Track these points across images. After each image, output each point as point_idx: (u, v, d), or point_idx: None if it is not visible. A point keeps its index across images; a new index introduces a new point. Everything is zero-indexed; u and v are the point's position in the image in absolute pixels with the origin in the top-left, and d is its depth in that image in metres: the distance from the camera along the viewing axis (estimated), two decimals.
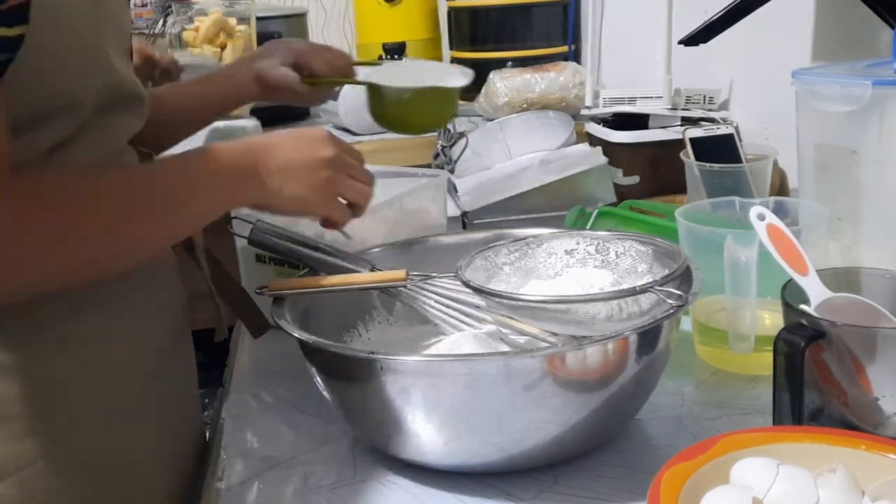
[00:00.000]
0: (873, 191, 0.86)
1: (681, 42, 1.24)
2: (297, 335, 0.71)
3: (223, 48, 1.85)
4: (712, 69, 1.57)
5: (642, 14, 1.76)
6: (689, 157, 1.22)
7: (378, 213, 1.02)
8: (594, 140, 1.53)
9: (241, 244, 1.00)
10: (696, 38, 1.20)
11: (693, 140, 1.24)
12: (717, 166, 1.17)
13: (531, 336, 0.78)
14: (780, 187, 1.29)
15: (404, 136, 1.89)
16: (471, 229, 1.25)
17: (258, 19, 1.91)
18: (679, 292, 0.70)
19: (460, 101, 2.00)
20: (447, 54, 2.30)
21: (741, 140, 1.28)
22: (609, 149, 1.43)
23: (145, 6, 2.06)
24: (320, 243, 0.85)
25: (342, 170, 0.78)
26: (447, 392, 0.66)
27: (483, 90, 1.88)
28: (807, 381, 0.64)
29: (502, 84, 1.84)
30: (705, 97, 1.54)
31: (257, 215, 0.83)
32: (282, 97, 1.01)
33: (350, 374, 0.70)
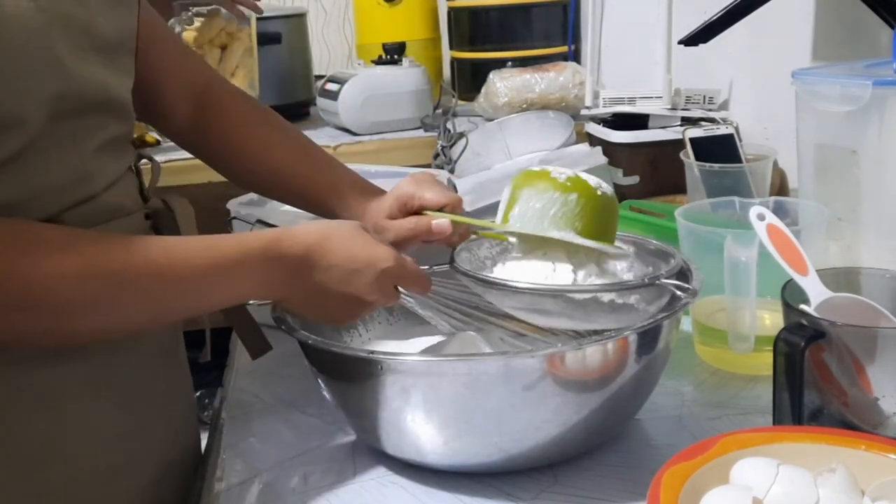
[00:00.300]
0: (873, 191, 0.86)
1: (681, 42, 1.24)
2: (297, 335, 0.71)
3: (223, 49, 1.85)
4: (712, 69, 1.57)
5: (642, 14, 1.76)
6: (688, 157, 1.22)
7: None
8: (594, 140, 1.53)
9: None
10: (696, 38, 1.20)
11: (693, 140, 1.24)
12: (717, 166, 1.17)
13: (531, 336, 0.78)
14: (780, 187, 1.29)
15: (405, 137, 1.90)
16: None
17: (258, 19, 1.91)
18: (688, 285, 0.70)
19: (461, 102, 2.01)
20: (447, 54, 2.30)
21: (741, 140, 1.28)
22: (609, 149, 1.43)
23: None
24: None
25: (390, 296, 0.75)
26: (447, 392, 0.66)
27: (483, 90, 1.88)
28: (807, 381, 0.64)
29: (502, 84, 1.84)
30: (705, 97, 1.54)
31: (257, 216, 0.83)
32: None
33: (350, 374, 0.70)
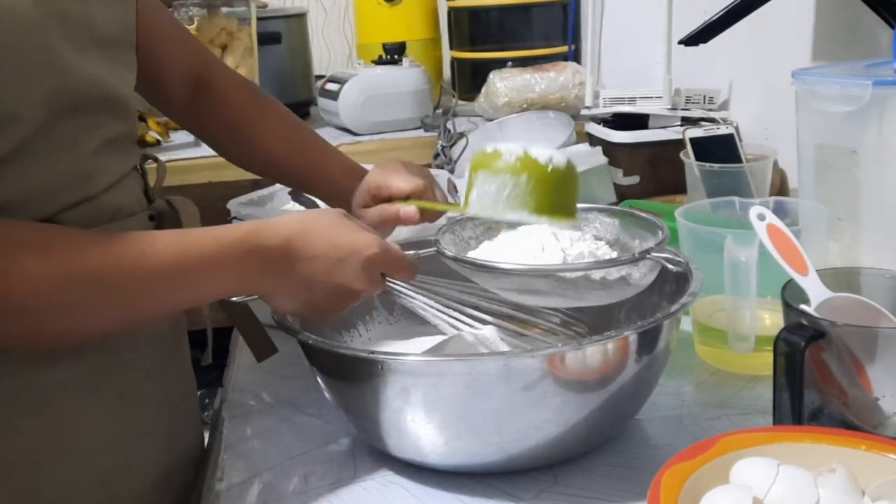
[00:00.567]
0: (873, 191, 0.86)
1: (681, 42, 1.24)
2: (298, 335, 0.71)
3: (224, 48, 1.85)
4: (712, 69, 1.57)
5: (642, 14, 1.76)
6: (689, 157, 1.22)
7: None
8: (594, 140, 1.53)
9: None
10: (696, 38, 1.20)
11: (693, 140, 1.24)
12: (717, 166, 1.17)
13: (531, 336, 0.78)
14: (780, 187, 1.29)
15: (405, 137, 1.90)
16: None
17: (259, 19, 1.91)
18: (679, 258, 0.70)
19: (461, 102, 2.01)
20: (447, 54, 2.30)
21: (741, 140, 1.28)
22: (609, 149, 1.43)
23: None
24: None
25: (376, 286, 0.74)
26: (447, 392, 0.66)
27: (483, 90, 1.88)
28: (807, 381, 0.64)
29: (502, 84, 1.84)
30: (705, 97, 1.54)
31: (257, 216, 0.83)
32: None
33: (350, 374, 0.70)
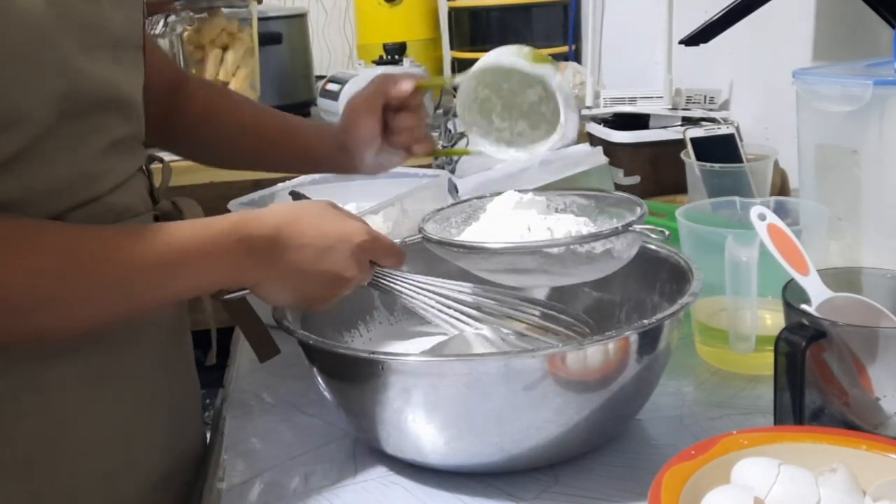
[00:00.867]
0: (874, 191, 0.86)
1: (681, 42, 1.24)
2: (298, 335, 0.71)
3: (225, 49, 1.85)
4: (713, 69, 1.57)
5: (642, 14, 1.76)
6: (689, 157, 1.22)
7: (379, 213, 1.02)
8: (595, 140, 1.53)
9: None
10: (697, 38, 1.20)
11: (694, 140, 1.24)
12: (717, 166, 1.17)
13: (531, 336, 0.78)
14: (781, 187, 1.29)
15: None
16: None
17: (259, 20, 1.91)
18: (662, 229, 0.72)
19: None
20: (448, 54, 2.31)
21: (742, 140, 1.28)
22: (610, 149, 1.43)
23: None
24: None
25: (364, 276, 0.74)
26: (448, 392, 0.66)
27: None
28: (808, 381, 0.64)
29: None
30: (706, 97, 1.54)
31: None
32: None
33: (351, 374, 0.70)
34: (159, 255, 0.64)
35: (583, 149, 1.37)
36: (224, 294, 0.72)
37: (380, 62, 1.99)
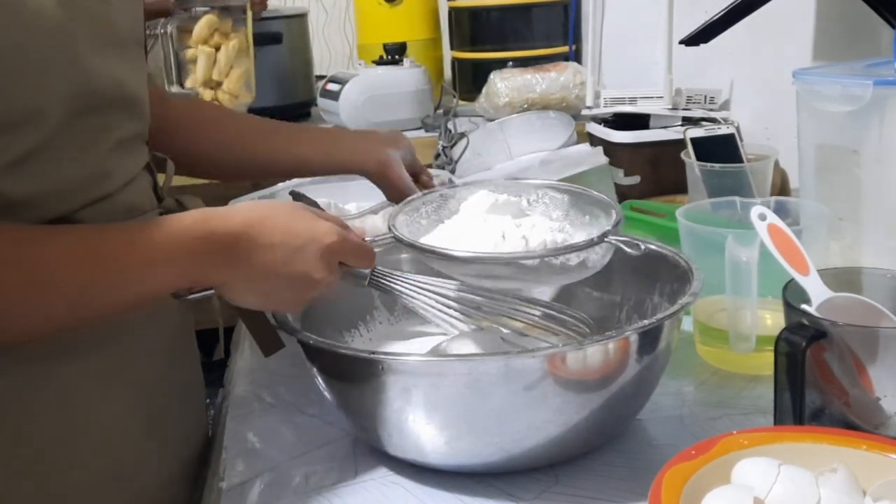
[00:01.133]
0: (874, 191, 0.86)
1: (681, 42, 1.24)
2: (298, 335, 0.71)
3: (217, 49, 1.84)
4: (713, 69, 1.57)
5: (643, 14, 1.76)
6: (689, 157, 1.21)
7: (380, 212, 1.02)
8: (595, 140, 1.53)
9: None
10: (697, 38, 1.20)
11: (694, 140, 1.24)
12: (717, 166, 1.17)
13: (531, 336, 0.78)
14: (781, 187, 1.29)
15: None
16: None
17: (260, 20, 1.91)
18: (638, 241, 0.72)
19: (462, 102, 2.01)
20: (448, 54, 2.30)
21: (742, 140, 1.28)
22: (610, 149, 1.42)
23: None
24: None
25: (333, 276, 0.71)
26: (448, 392, 0.66)
27: (484, 90, 1.88)
28: (808, 381, 0.64)
29: (503, 84, 1.84)
30: (706, 97, 1.54)
31: None
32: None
33: (351, 375, 0.70)
34: (118, 259, 0.62)
35: (583, 149, 1.37)
36: (186, 294, 0.68)
37: (380, 62, 1.99)
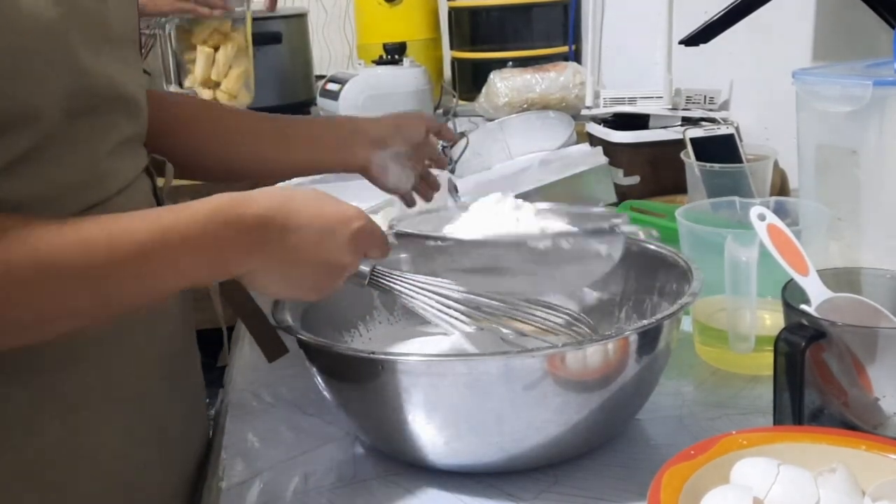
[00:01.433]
0: (874, 191, 0.86)
1: (681, 42, 1.24)
2: (298, 335, 0.71)
3: (216, 49, 1.84)
4: (713, 69, 1.57)
5: (642, 14, 1.76)
6: (689, 157, 1.22)
7: (379, 212, 1.02)
8: (594, 140, 1.53)
9: None
10: (697, 38, 1.20)
11: (693, 140, 1.24)
12: (717, 166, 1.17)
13: (531, 336, 0.78)
14: (781, 187, 1.29)
15: None
16: None
17: (260, 19, 1.91)
18: (651, 230, 0.73)
19: (461, 102, 2.01)
20: (448, 54, 2.31)
21: (741, 140, 1.28)
22: (609, 149, 1.43)
23: None
24: None
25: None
26: (448, 392, 0.66)
27: (483, 90, 1.88)
28: (807, 382, 0.64)
29: (503, 84, 1.84)
30: (706, 97, 1.54)
31: None
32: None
33: (351, 374, 0.70)
34: (141, 247, 0.59)
35: (582, 149, 1.37)
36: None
37: (380, 62, 1.99)
